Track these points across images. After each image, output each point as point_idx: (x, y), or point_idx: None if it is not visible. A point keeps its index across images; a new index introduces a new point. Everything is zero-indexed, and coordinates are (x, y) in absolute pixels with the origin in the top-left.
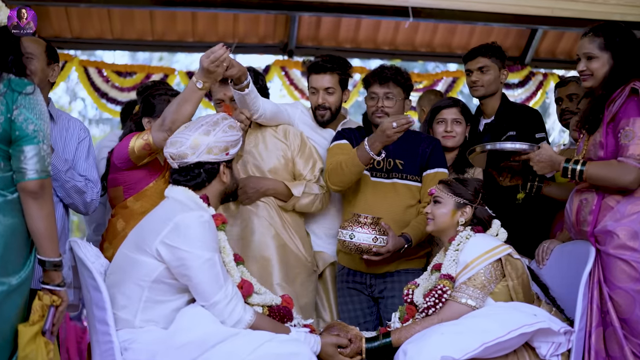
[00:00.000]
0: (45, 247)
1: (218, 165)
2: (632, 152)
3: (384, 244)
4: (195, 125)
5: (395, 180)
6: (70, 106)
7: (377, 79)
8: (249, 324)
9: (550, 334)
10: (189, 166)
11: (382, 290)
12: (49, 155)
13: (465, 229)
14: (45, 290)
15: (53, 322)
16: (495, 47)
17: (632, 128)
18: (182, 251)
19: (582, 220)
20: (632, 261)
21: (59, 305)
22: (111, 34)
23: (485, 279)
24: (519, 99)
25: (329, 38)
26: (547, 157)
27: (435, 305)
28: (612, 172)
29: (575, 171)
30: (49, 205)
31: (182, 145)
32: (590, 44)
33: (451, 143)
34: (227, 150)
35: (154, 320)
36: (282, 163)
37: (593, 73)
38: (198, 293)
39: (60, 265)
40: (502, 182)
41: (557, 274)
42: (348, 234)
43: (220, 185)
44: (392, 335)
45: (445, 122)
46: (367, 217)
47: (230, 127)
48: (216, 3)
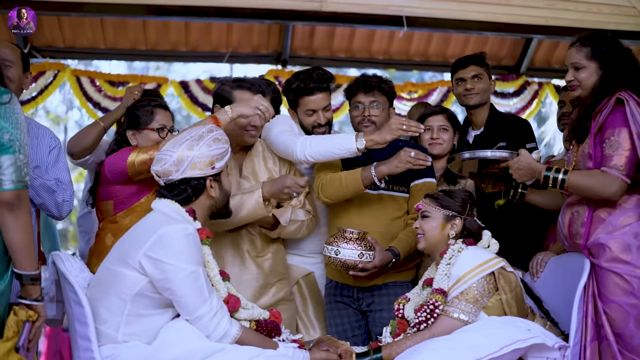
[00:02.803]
0: (21, 260)
1: (204, 180)
2: (616, 163)
3: (370, 260)
4: (180, 140)
5: (381, 191)
6: (66, 115)
7: (361, 87)
8: (236, 338)
9: (544, 350)
10: (174, 183)
11: (370, 304)
12: (26, 166)
13: (456, 242)
14: (22, 305)
15: (29, 338)
16: (484, 58)
17: (617, 138)
18: (165, 264)
19: (575, 233)
20: (625, 274)
21: (36, 320)
22: (104, 44)
23: (478, 292)
24: (514, 109)
25: (323, 48)
26: (526, 164)
27: (427, 320)
28: (595, 182)
29: (557, 180)
30: (25, 216)
31: (165, 163)
32: (577, 54)
33: (438, 150)
34: (212, 164)
35: (137, 335)
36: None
37: (581, 83)
38: (182, 307)
39: (37, 279)
40: (485, 189)
41: (552, 287)
42: (333, 250)
43: (208, 199)
44: (383, 350)
45: (431, 130)
46: (353, 232)
47: (215, 140)
48: (210, 13)
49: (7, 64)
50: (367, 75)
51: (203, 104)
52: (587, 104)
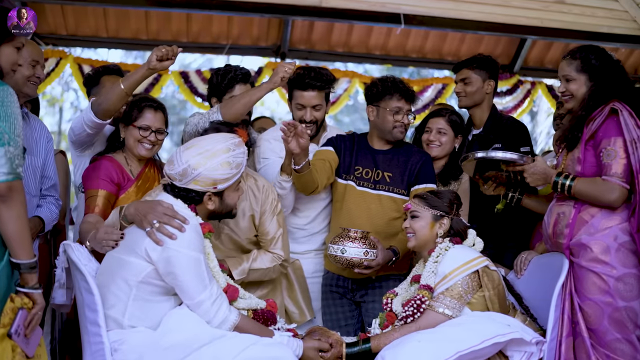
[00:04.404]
0: (17, 249)
1: (203, 194)
2: (615, 171)
3: (374, 257)
4: (196, 150)
5: (381, 192)
6: (62, 97)
7: (402, 94)
8: (234, 324)
9: (522, 344)
10: (176, 186)
11: (363, 295)
12: (18, 157)
13: (444, 241)
14: (20, 293)
15: (24, 325)
16: (480, 59)
17: (613, 147)
18: (169, 249)
19: (559, 233)
20: (603, 274)
21: (32, 308)
22: (106, 32)
23: (462, 289)
24: (507, 107)
25: (321, 42)
26: (541, 169)
27: (414, 314)
28: (597, 190)
29: (565, 185)
30: (18, 207)
31: (174, 169)
32: (568, 67)
33: (435, 152)
34: (214, 185)
35: (141, 319)
36: (247, 226)
37: (572, 94)
38: (183, 291)
39: (35, 267)
40: (486, 190)
41: (533, 285)
42: (339, 249)
43: (205, 209)
44: (372, 341)
45: (430, 131)
46: (357, 231)
47: (227, 163)
48: (211, 5)
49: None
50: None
51: (202, 95)
52: (578, 115)
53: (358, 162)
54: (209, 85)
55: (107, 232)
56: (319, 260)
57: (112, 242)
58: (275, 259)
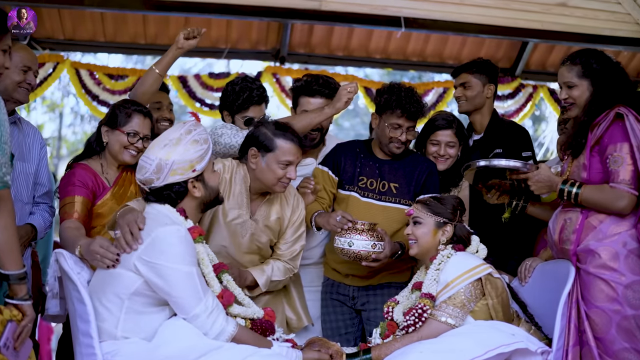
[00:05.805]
0: (5, 260)
1: (186, 183)
2: (623, 177)
3: (381, 250)
4: (159, 144)
5: (387, 203)
6: (62, 102)
7: (405, 113)
8: (232, 336)
9: (527, 354)
10: (157, 189)
11: (364, 303)
12: (5, 165)
13: (446, 248)
14: (10, 305)
15: (13, 337)
16: (480, 63)
17: (620, 153)
18: (160, 266)
19: (565, 239)
20: (611, 281)
21: (21, 320)
22: (104, 37)
23: (465, 298)
24: (508, 111)
25: (321, 46)
26: (546, 177)
27: (415, 323)
28: (605, 198)
29: (572, 193)
30: (5, 217)
31: (147, 172)
32: (569, 73)
33: (443, 166)
34: (192, 167)
35: (135, 331)
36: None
37: (575, 101)
38: (178, 306)
39: (24, 278)
40: (490, 199)
41: (538, 292)
42: (346, 242)
43: (193, 200)
44: (373, 351)
45: (439, 145)
46: (365, 223)
47: (194, 142)
48: (209, 9)
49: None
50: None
51: (201, 99)
52: (581, 121)
53: (362, 173)
54: (222, 95)
55: (102, 246)
56: (319, 272)
57: (108, 261)
58: (288, 272)
